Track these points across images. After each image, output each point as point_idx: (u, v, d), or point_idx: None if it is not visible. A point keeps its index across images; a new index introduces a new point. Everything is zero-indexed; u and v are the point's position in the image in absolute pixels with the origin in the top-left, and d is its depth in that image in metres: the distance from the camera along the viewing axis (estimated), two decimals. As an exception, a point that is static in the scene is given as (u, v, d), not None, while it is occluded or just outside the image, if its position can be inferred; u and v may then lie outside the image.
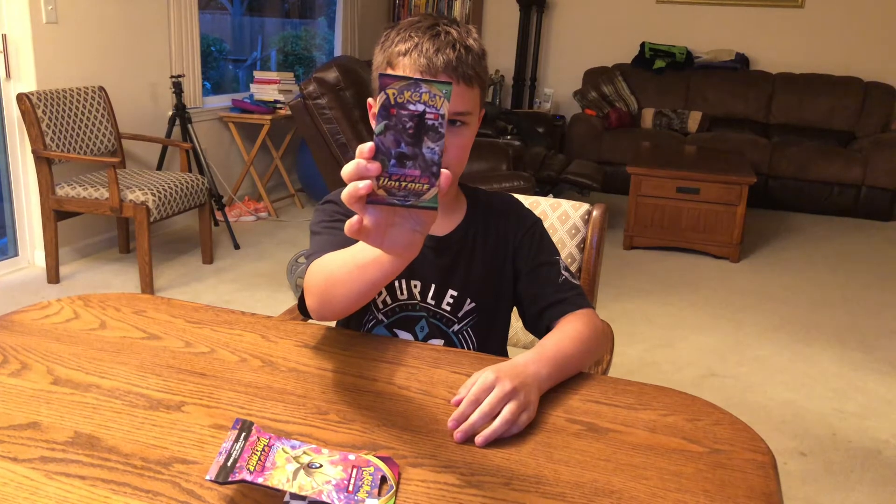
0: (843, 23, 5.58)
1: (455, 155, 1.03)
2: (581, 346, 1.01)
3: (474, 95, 1.03)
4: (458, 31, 1.02)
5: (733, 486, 0.76)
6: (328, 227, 1.10)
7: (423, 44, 0.99)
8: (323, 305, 0.94)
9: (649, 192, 4.10)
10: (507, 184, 3.37)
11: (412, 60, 0.99)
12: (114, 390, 0.89)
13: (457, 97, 1.00)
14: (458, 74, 0.99)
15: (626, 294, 3.47)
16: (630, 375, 1.05)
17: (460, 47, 1.00)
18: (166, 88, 3.92)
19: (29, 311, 1.09)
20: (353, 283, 0.86)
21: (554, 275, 1.09)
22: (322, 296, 0.93)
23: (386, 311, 1.14)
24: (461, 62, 0.99)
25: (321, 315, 0.96)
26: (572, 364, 0.98)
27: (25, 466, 0.73)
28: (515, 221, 1.16)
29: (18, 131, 3.26)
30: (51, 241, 3.19)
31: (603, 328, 1.12)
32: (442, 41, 0.99)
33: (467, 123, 1.03)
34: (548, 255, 1.13)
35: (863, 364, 2.86)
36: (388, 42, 1.03)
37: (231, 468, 0.70)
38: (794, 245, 4.47)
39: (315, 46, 5.91)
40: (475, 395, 0.84)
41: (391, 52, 1.02)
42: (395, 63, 1.01)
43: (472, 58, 1.01)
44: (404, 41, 1.01)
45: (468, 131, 1.04)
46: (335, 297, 0.91)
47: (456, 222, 1.14)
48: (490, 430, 0.81)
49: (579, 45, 6.17)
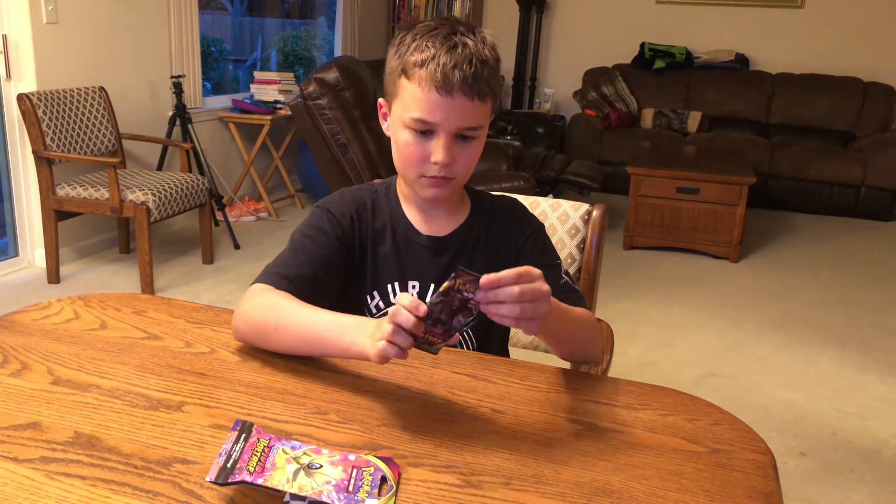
0: (843, 23, 5.58)
1: (464, 165, 1.04)
2: (586, 321, 1.04)
3: (486, 109, 1.03)
4: (474, 42, 1.00)
5: (733, 486, 0.76)
6: (306, 236, 1.10)
7: (439, 56, 0.98)
8: (255, 339, 1.00)
9: (649, 192, 4.10)
10: (507, 184, 3.37)
11: (428, 73, 0.98)
12: (114, 390, 0.89)
13: (469, 113, 1.00)
14: (473, 91, 0.99)
15: (626, 294, 3.47)
16: (630, 375, 1.05)
17: (476, 62, 0.99)
18: (166, 88, 3.92)
19: (29, 311, 1.09)
20: (306, 350, 0.96)
21: (555, 277, 1.09)
22: (261, 334, 0.98)
23: (379, 316, 1.13)
24: (477, 78, 0.99)
25: (245, 341, 1.02)
26: (576, 325, 1.00)
27: (26, 466, 0.73)
28: (519, 224, 1.16)
29: (19, 131, 3.26)
30: (51, 241, 3.19)
31: (601, 328, 1.13)
32: (459, 55, 0.98)
33: (478, 137, 1.04)
34: (550, 258, 1.13)
35: (863, 364, 2.86)
36: (404, 47, 1.02)
37: (231, 469, 0.70)
38: (794, 245, 4.47)
39: (315, 46, 5.91)
40: (519, 274, 0.80)
41: (407, 61, 1.01)
42: (411, 74, 1.00)
43: (487, 72, 1.00)
44: (420, 50, 0.99)
45: (478, 143, 1.05)
46: (273, 343, 0.98)
47: (457, 223, 1.14)
48: (507, 308, 0.80)
49: (579, 45, 6.17)
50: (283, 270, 1.04)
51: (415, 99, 1.00)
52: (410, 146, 1.03)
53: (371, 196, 1.15)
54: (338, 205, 1.12)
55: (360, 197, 1.14)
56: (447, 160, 1.01)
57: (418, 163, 1.03)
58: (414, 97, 1.00)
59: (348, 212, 1.12)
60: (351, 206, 1.12)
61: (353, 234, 1.11)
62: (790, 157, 5.21)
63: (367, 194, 1.15)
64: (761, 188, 5.16)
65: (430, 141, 1.02)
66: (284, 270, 1.04)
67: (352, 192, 1.15)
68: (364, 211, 1.13)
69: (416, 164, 1.04)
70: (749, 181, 3.96)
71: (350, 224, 1.11)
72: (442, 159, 1.01)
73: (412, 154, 1.03)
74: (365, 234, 1.12)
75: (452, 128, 1.00)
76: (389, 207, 1.14)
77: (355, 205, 1.13)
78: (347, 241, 1.11)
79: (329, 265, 1.07)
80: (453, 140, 1.02)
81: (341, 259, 1.09)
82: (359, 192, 1.15)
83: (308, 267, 1.05)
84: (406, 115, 1.01)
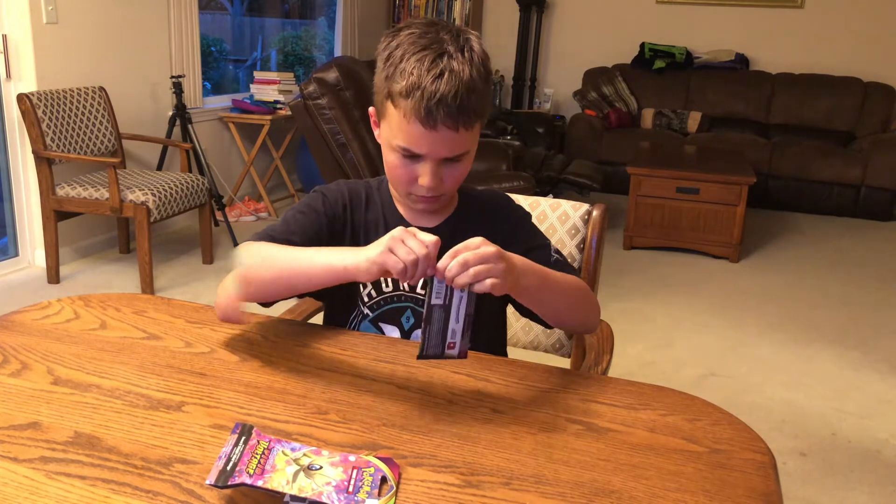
0: (842, 23, 5.58)
1: (452, 183, 1.06)
2: (570, 285, 1.03)
3: (474, 133, 1.03)
4: (460, 64, 0.97)
5: (733, 486, 0.76)
6: (299, 212, 1.12)
7: (425, 86, 0.96)
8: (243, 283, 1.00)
9: (649, 192, 4.10)
10: (507, 184, 3.37)
11: (413, 106, 0.97)
12: (114, 390, 0.89)
13: (455, 142, 1.01)
14: (458, 124, 0.98)
15: (625, 294, 3.47)
16: (630, 375, 1.05)
17: (462, 92, 0.96)
18: (166, 88, 3.92)
19: (29, 311, 1.09)
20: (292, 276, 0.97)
21: (545, 257, 1.09)
22: (249, 273, 1.00)
23: (371, 304, 1.14)
24: (462, 110, 0.97)
25: (230, 295, 1.01)
26: (557, 288, 1.00)
27: (26, 466, 0.73)
28: (505, 214, 1.18)
29: (19, 131, 3.26)
30: (51, 241, 3.19)
31: (594, 297, 1.13)
32: (444, 84, 0.96)
33: (466, 158, 1.05)
34: (538, 241, 1.14)
35: (863, 364, 2.86)
36: (391, 65, 1.00)
37: (231, 472, 0.70)
38: (794, 245, 4.47)
39: (315, 46, 5.91)
40: (458, 248, 0.85)
41: (392, 88, 0.99)
42: (396, 102, 0.99)
43: (474, 99, 0.98)
44: (405, 77, 0.97)
45: (466, 162, 1.05)
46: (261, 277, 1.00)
47: (445, 216, 1.15)
48: (455, 270, 0.83)
49: (579, 46, 6.17)
50: (271, 233, 1.07)
51: (400, 128, 1.00)
52: (398, 168, 1.05)
53: (366, 189, 1.18)
54: (333, 191, 1.16)
55: (356, 189, 1.18)
56: (434, 184, 1.03)
57: (406, 183, 1.05)
58: (399, 126, 1.00)
59: (342, 199, 1.15)
60: (346, 195, 1.15)
61: (345, 221, 1.14)
62: (790, 157, 5.21)
63: (362, 187, 1.18)
64: (761, 188, 5.16)
65: (418, 164, 1.03)
66: (273, 233, 1.07)
67: (348, 184, 1.18)
68: (358, 201, 1.16)
69: (404, 185, 1.06)
70: (749, 181, 3.96)
71: (343, 212, 1.14)
72: (429, 184, 1.03)
73: (400, 176, 1.05)
74: (357, 223, 1.15)
75: (438, 157, 1.02)
76: (382, 201, 1.17)
77: (350, 195, 1.16)
78: (337, 224, 1.13)
79: (316, 241, 1.08)
80: (440, 164, 1.03)
81: (328, 239, 1.11)
82: (355, 185, 1.19)
83: (297, 236, 1.07)
84: (393, 141, 1.03)
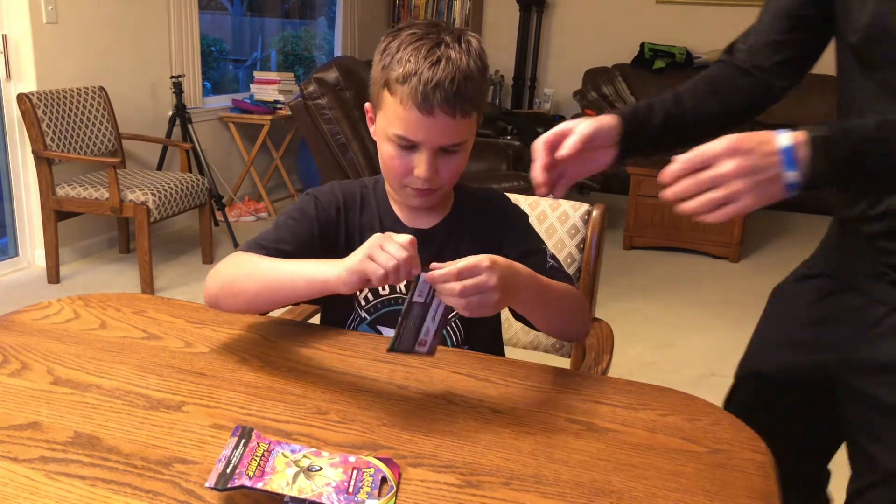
0: (843, 23, 5.57)
1: (449, 176, 1.06)
2: (565, 294, 1.04)
3: (471, 123, 1.03)
4: (458, 55, 0.99)
5: (733, 486, 0.76)
6: (291, 218, 1.11)
7: (421, 72, 0.97)
8: (225, 294, 1.01)
9: (649, 192, 4.10)
10: (506, 184, 3.37)
11: (409, 91, 0.97)
12: (114, 390, 0.89)
13: (452, 130, 1.01)
14: (454, 110, 0.98)
15: (626, 294, 3.47)
16: (630, 375, 1.05)
17: (459, 78, 0.97)
18: (166, 88, 3.92)
19: (29, 311, 1.09)
20: (273, 290, 0.97)
21: (540, 262, 1.09)
22: (232, 285, 1.00)
23: (368, 307, 1.14)
24: (459, 96, 0.98)
25: (215, 301, 1.03)
26: (553, 299, 1.00)
27: (25, 466, 0.73)
28: (501, 215, 1.17)
29: (18, 131, 3.25)
30: (51, 241, 3.19)
31: (586, 305, 1.13)
32: (440, 70, 0.97)
33: (462, 149, 1.04)
34: (533, 244, 1.14)
35: (863, 364, 2.85)
36: (388, 57, 1.01)
37: (230, 475, 0.70)
38: (794, 245, 4.47)
39: (315, 46, 5.91)
40: (461, 270, 0.83)
41: (389, 76, 1.00)
42: (393, 89, 0.99)
43: (471, 87, 0.99)
44: (402, 64, 0.98)
45: (463, 154, 1.05)
46: (243, 290, 1.00)
47: (441, 216, 1.15)
48: (453, 301, 0.83)
49: (579, 46, 6.17)
50: (261, 241, 1.07)
51: (397, 115, 1.00)
52: (394, 159, 1.04)
53: (361, 190, 1.17)
54: (326, 194, 1.14)
55: (351, 190, 1.16)
56: (430, 175, 1.03)
57: (402, 175, 1.05)
58: (396, 113, 1.00)
59: (335, 202, 1.14)
60: (339, 198, 1.14)
61: (339, 224, 1.13)
62: (790, 157, 5.21)
63: (357, 188, 1.17)
64: (761, 188, 5.15)
65: (414, 155, 1.02)
66: (263, 242, 1.06)
67: (342, 185, 1.17)
68: (353, 203, 1.15)
69: (399, 176, 1.05)
70: (749, 181, 3.95)
71: (336, 215, 1.13)
72: (424, 174, 1.02)
73: (396, 167, 1.05)
74: (352, 226, 1.14)
75: (434, 145, 1.01)
76: (377, 201, 1.16)
77: (344, 197, 1.15)
78: (330, 229, 1.12)
79: (308, 247, 1.07)
80: (437, 154, 1.02)
81: (320, 244, 1.10)
82: (350, 186, 1.17)
83: (287, 244, 1.06)
84: (389, 130, 1.02)
